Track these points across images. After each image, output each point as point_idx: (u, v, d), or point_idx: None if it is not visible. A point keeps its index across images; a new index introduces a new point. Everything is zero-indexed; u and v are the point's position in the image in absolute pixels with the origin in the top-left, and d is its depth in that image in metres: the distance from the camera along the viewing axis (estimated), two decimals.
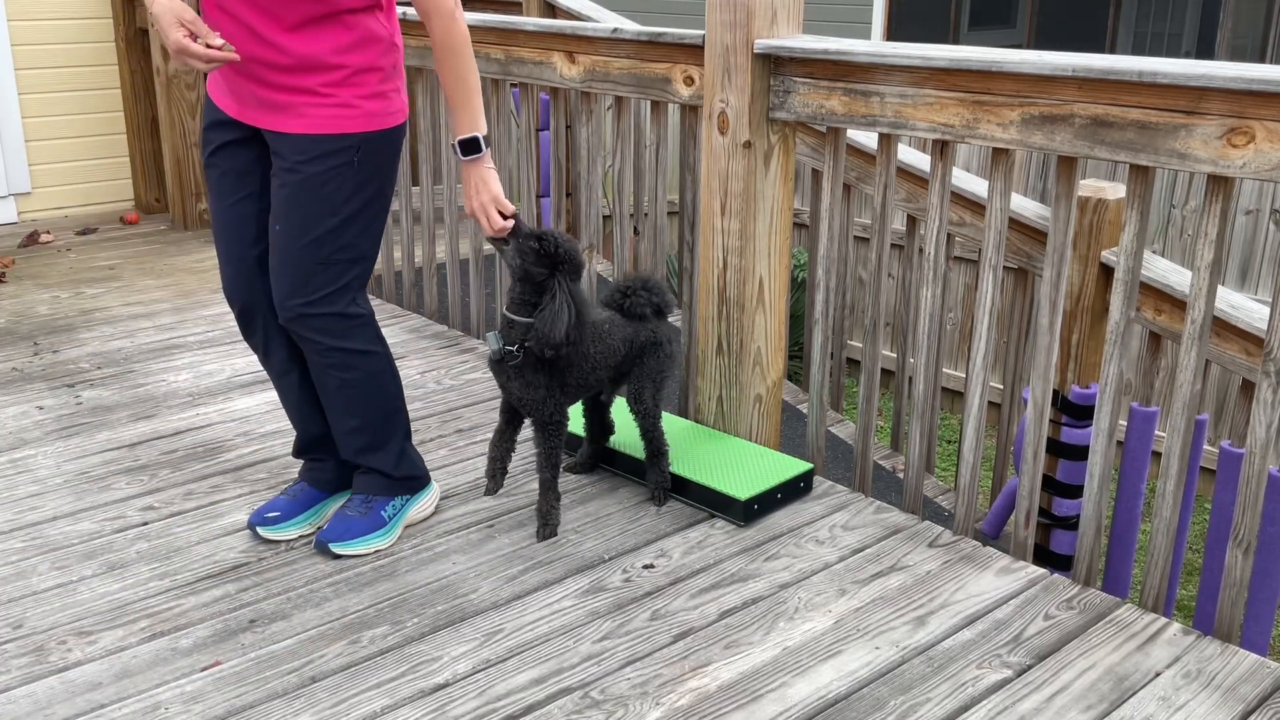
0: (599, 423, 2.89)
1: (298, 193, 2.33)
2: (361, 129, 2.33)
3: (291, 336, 2.47)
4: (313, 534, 2.59)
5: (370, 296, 4.29)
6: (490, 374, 3.59)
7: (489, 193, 2.41)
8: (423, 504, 2.67)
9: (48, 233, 5.15)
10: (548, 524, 2.60)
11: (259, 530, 2.56)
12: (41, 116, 5.36)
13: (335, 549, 2.50)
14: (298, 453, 2.69)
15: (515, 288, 2.46)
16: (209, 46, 2.13)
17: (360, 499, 2.58)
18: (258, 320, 2.50)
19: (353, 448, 2.57)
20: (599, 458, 2.93)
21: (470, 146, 2.40)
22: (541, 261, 2.41)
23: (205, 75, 2.25)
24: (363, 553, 2.52)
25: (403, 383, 2.64)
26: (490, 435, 3.16)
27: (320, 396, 2.55)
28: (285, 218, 2.35)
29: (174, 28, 2.12)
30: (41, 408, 3.31)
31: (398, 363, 3.65)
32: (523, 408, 2.55)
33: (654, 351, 2.70)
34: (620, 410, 3.12)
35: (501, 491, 2.82)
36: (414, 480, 2.64)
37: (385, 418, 2.56)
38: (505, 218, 2.41)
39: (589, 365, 2.57)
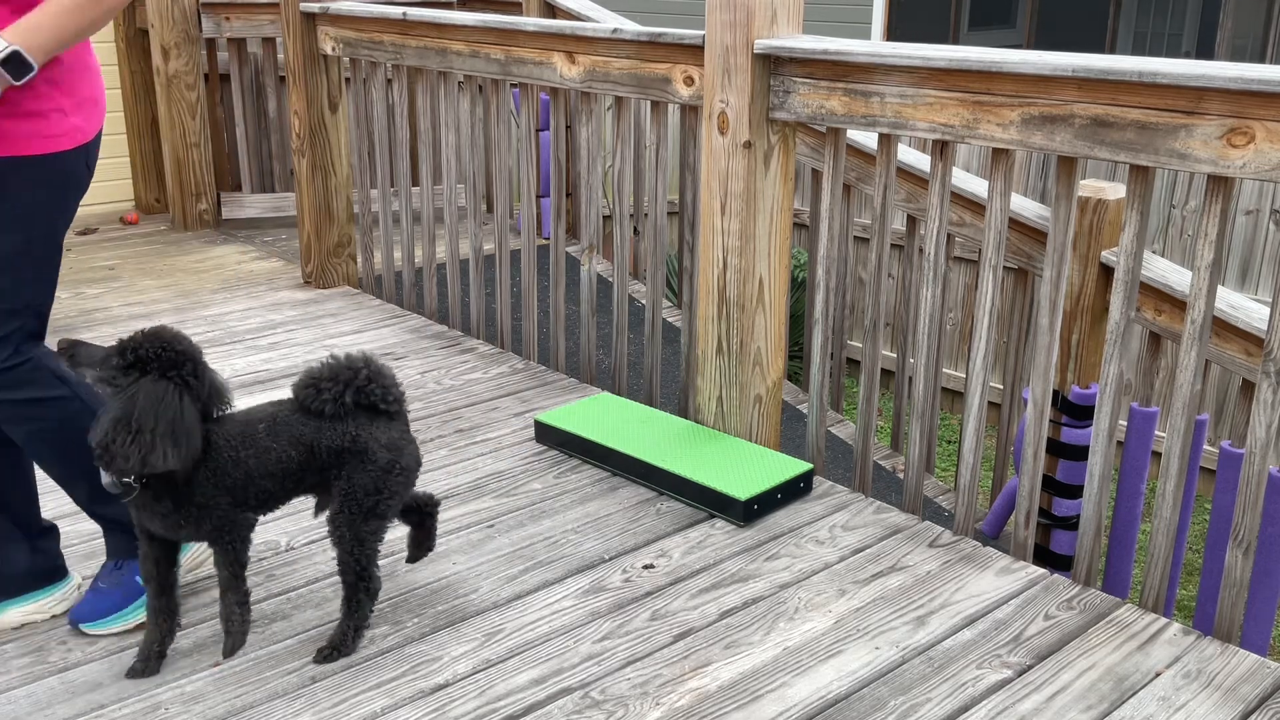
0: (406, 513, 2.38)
1: None
2: (2, 153, 1.95)
3: None
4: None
5: (370, 296, 4.32)
6: (489, 375, 3.60)
7: None
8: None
9: None
10: (230, 633, 2.12)
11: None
12: None
13: (89, 629, 2.19)
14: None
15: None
16: None
17: (109, 566, 2.24)
18: None
19: (80, 499, 2.21)
20: (420, 541, 2.42)
21: (16, 62, 1.89)
22: (131, 373, 1.94)
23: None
24: (116, 631, 2.20)
25: (400, 383, 2.43)
26: (490, 436, 3.16)
27: (27, 453, 2.19)
28: None
29: None
30: None
31: (397, 363, 3.66)
32: (179, 534, 2.06)
33: (355, 465, 2.09)
34: (618, 406, 3.12)
35: (501, 491, 2.82)
36: None
37: (90, 463, 2.08)
38: (60, 350, 1.96)
39: (242, 475, 2.04)
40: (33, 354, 2.09)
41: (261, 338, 3.91)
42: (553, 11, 4.86)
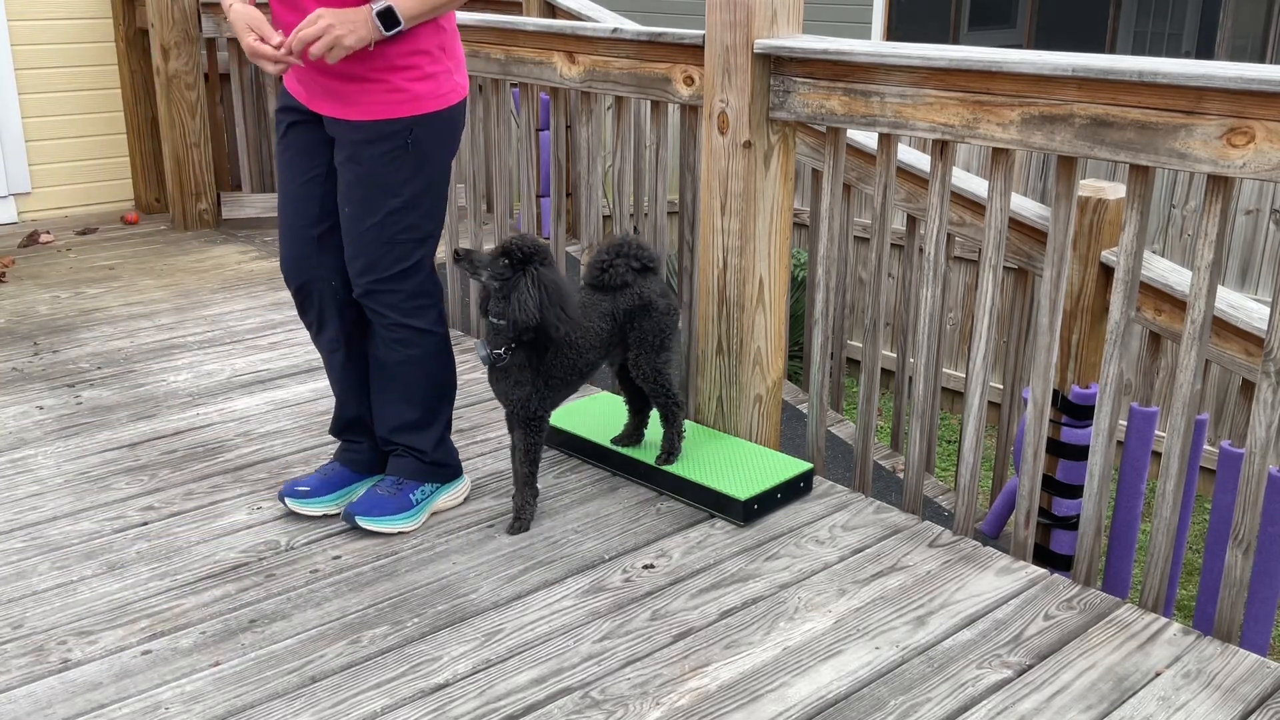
0: (633, 392, 2.89)
1: (359, 178, 2.43)
2: (411, 113, 2.40)
3: (343, 316, 2.59)
4: (337, 514, 2.65)
5: None
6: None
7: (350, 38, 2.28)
8: (453, 493, 2.73)
9: (48, 233, 5.15)
10: (520, 518, 2.62)
11: (287, 502, 2.66)
12: (41, 116, 5.36)
13: (361, 522, 2.57)
14: (335, 432, 2.77)
15: (489, 294, 2.51)
16: (275, 48, 2.28)
17: (392, 480, 2.63)
18: (314, 297, 2.58)
19: (396, 425, 2.63)
20: (640, 427, 2.92)
21: (388, 16, 2.30)
22: (517, 268, 2.45)
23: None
24: (387, 531, 2.58)
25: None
26: (490, 436, 3.16)
27: (376, 373, 2.63)
28: (350, 202, 2.46)
29: (245, 33, 2.31)
30: (41, 408, 3.31)
31: None
32: (510, 405, 2.58)
33: (644, 315, 2.69)
34: (619, 406, 3.12)
35: (501, 491, 2.83)
36: (447, 469, 2.69)
37: (435, 399, 2.64)
38: (458, 257, 2.46)
39: (573, 353, 2.58)
40: (436, 289, 2.58)
41: (261, 337, 3.91)
42: (553, 11, 4.86)
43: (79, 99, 5.46)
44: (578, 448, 3.00)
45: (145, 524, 2.65)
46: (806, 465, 2.83)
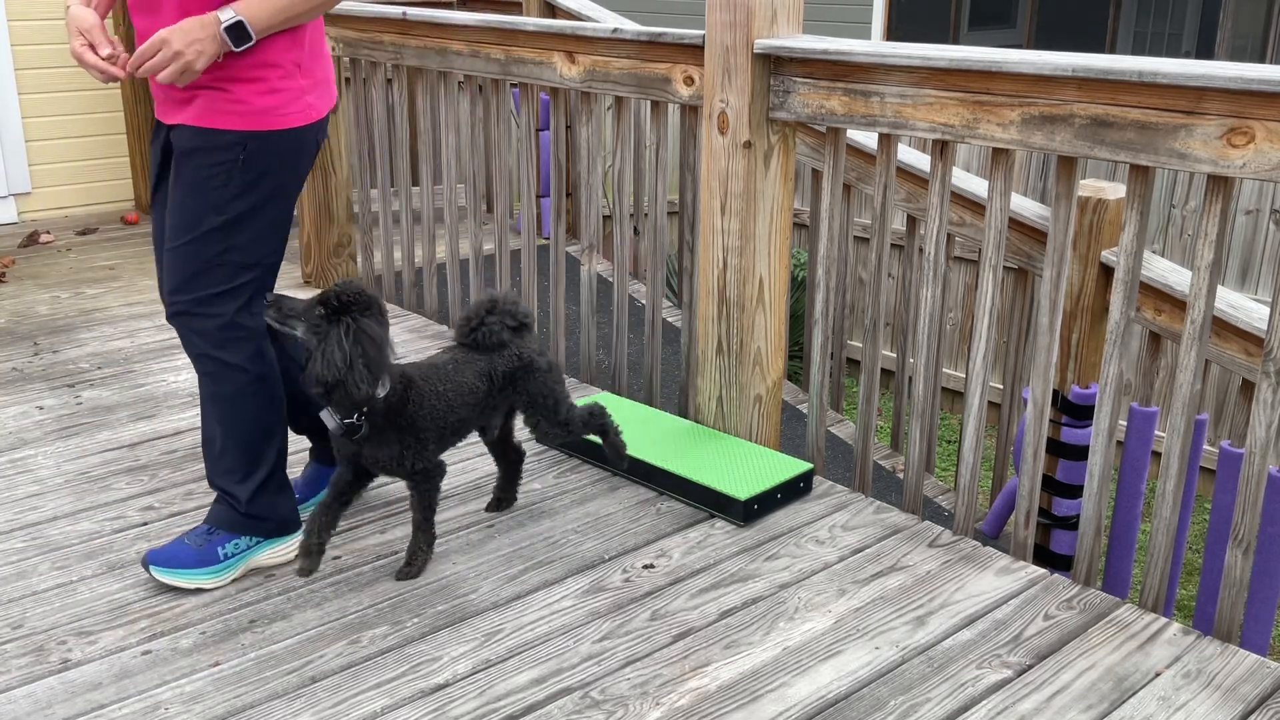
0: (500, 452, 2.72)
1: (183, 187, 2.25)
2: (247, 127, 2.21)
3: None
4: None
5: None
6: None
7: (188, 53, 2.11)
8: (278, 549, 2.47)
9: (48, 233, 5.15)
10: (411, 564, 2.42)
11: None
12: (41, 116, 5.36)
13: (155, 573, 2.35)
14: (296, 430, 2.65)
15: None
16: (104, 59, 2.13)
17: (204, 529, 2.41)
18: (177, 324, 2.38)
19: (213, 467, 2.43)
20: (511, 487, 2.74)
21: (238, 31, 2.13)
22: (332, 319, 2.19)
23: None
24: (184, 585, 2.35)
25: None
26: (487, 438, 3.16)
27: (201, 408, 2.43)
28: (172, 213, 2.28)
29: (74, 36, 2.16)
30: (41, 408, 3.31)
31: (397, 363, 3.65)
32: (383, 469, 2.38)
33: (527, 378, 2.52)
34: (619, 406, 3.12)
35: None
36: (267, 522, 2.43)
37: (248, 444, 2.38)
38: (267, 304, 2.24)
39: (440, 405, 2.38)
40: (258, 324, 2.34)
41: None
42: (553, 11, 4.86)
43: (79, 99, 5.45)
44: (578, 447, 3.00)
45: (145, 524, 2.65)
46: (806, 465, 2.83)
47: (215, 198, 2.24)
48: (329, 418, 2.29)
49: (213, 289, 2.28)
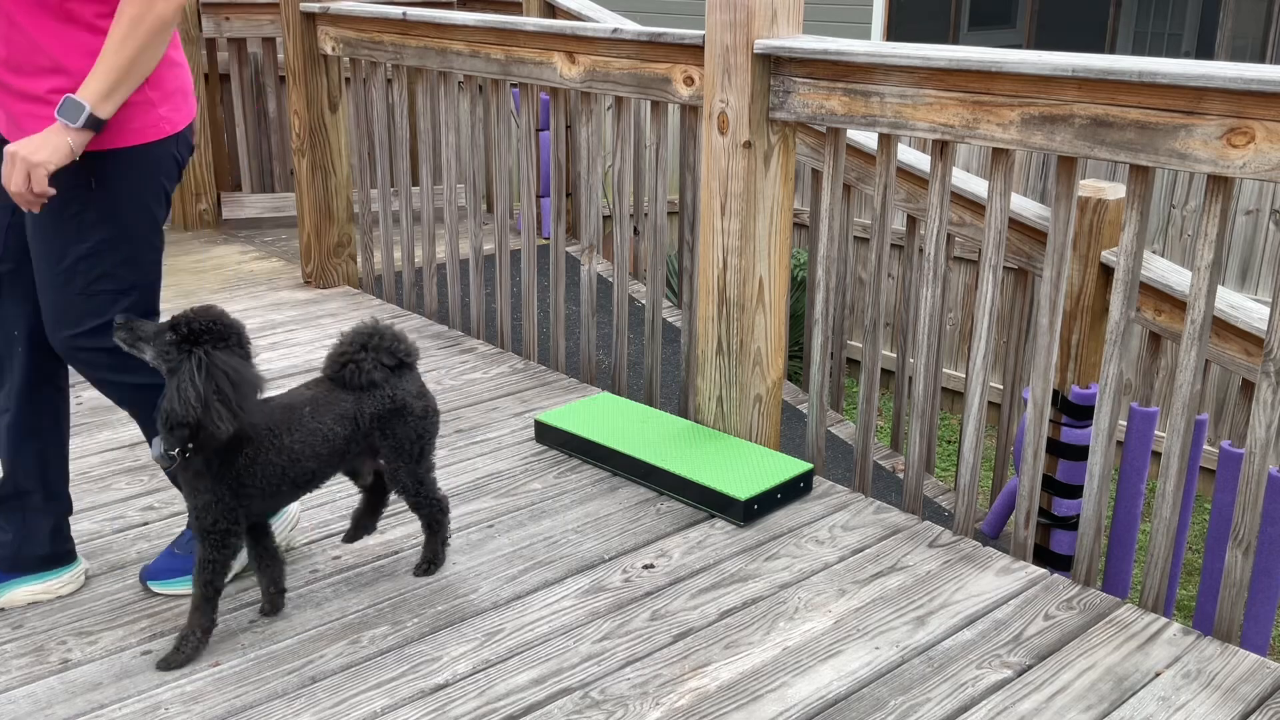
0: (374, 491, 2.47)
1: (41, 222, 2.12)
2: (94, 148, 2.06)
3: (24, 371, 2.25)
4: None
5: (370, 296, 4.32)
6: (489, 375, 3.60)
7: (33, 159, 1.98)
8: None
9: None
10: (179, 650, 2.13)
11: None
12: None
13: (154, 586, 2.35)
14: None
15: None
16: None
17: (187, 535, 2.35)
18: None
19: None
20: (374, 516, 2.49)
21: (73, 109, 1.99)
22: (184, 349, 2.02)
23: None
24: (185, 593, 2.28)
25: None
26: (490, 436, 3.16)
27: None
28: (35, 243, 2.15)
29: None
30: None
31: None
32: (189, 510, 2.15)
33: (396, 421, 2.27)
34: (618, 406, 3.12)
35: (501, 491, 2.83)
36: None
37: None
38: (116, 327, 2.06)
39: (283, 458, 2.14)
40: None
41: (261, 338, 3.91)
42: (553, 11, 4.86)
43: None
44: (578, 448, 3.00)
45: (145, 524, 2.65)
46: (806, 465, 2.83)
47: (74, 227, 2.12)
48: (155, 445, 2.10)
49: (92, 322, 2.17)
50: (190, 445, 2.04)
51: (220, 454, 2.08)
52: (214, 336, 2.03)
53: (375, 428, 2.26)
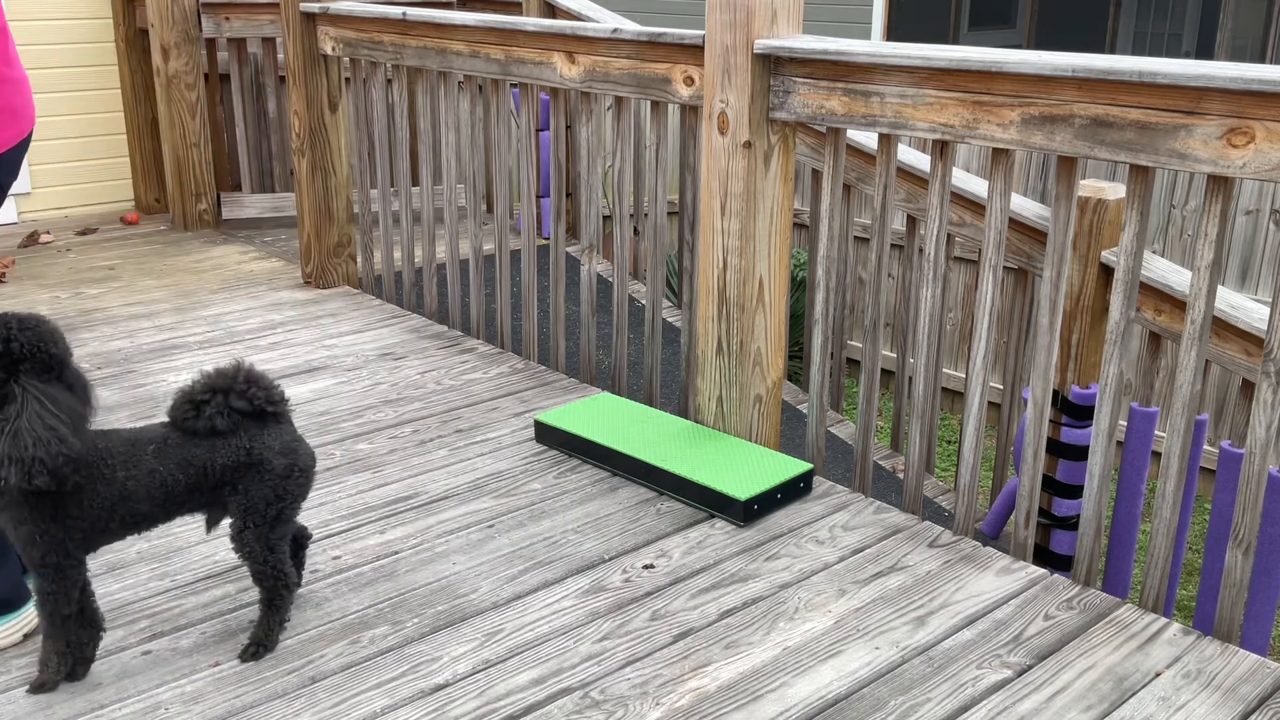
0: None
1: None
2: None
3: None
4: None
5: (370, 296, 4.32)
6: (489, 375, 3.60)
7: None
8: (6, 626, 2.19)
9: (48, 233, 5.15)
10: (40, 674, 2.02)
11: None
12: (41, 116, 5.36)
13: None
14: None
15: None
16: None
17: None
18: None
19: None
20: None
21: None
22: (7, 374, 1.84)
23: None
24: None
25: (400, 383, 2.52)
26: (490, 436, 3.16)
27: None
28: None
29: None
30: None
31: (397, 363, 3.66)
32: (14, 543, 1.97)
33: (251, 477, 2.04)
34: (618, 406, 3.12)
35: (501, 491, 2.83)
36: None
37: None
38: None
39: (113, 491, 1.95)
40: None
41: (261, 338, 3.91)
42: (553, 11, 4.86)
43: (79, 99, 5.46)
44: (578, 448, 3.00)
45: None
46: (806, 465, 2.83)
47: None
48: None
49: None
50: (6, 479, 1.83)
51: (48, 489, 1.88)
52: (39, 363, 1.85)
53: (226, 480, 2.04)
